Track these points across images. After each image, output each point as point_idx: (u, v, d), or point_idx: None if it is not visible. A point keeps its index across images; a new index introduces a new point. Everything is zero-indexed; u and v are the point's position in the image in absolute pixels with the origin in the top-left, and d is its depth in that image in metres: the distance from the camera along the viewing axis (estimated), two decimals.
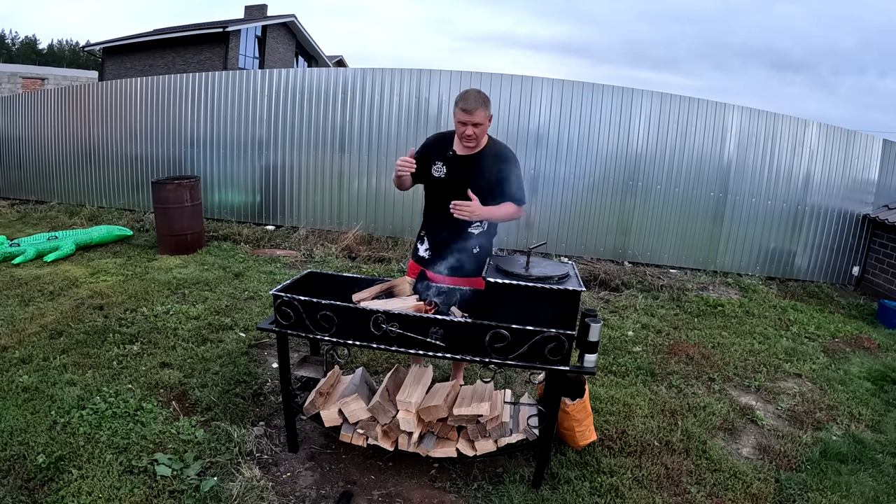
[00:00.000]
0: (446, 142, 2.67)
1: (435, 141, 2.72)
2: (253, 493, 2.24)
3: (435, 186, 2.67)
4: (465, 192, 2.52)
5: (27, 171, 8.27)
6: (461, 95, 2.51)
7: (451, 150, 2.62)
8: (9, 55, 52.97)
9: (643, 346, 4.11)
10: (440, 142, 2.69)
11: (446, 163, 2.62)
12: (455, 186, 2.57)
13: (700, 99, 6.25)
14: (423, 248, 2.79)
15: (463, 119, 2.48)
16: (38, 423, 2.56)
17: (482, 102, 2.48)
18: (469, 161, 2.61)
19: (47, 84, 17.47)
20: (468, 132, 2.50)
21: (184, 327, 3.82)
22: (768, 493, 2.49)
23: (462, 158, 2.61)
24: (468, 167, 2.60)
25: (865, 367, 4.02)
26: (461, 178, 2.58)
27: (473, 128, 2.49)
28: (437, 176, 2.64)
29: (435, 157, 2.64)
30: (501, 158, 2.63)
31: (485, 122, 2.52)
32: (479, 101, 2.47)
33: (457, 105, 2.50)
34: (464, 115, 2.47)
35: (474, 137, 2.53)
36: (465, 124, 2.49)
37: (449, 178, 2.62)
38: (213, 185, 7.13)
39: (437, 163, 2.64)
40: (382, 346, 2.24)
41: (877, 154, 6.33)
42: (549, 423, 2.31)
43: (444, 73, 6.40)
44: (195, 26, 20.10)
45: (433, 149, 2.67)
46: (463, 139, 2.54)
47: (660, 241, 6.49)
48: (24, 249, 5.31)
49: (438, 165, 2.63)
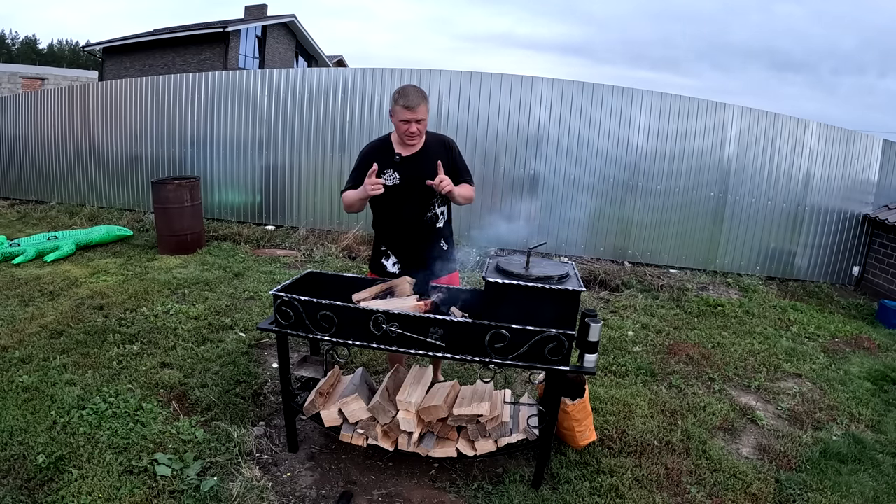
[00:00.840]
0: (385, 148, 2.59)
1: (372, 151, 2.62)
2: (253, 493, 2.24)
3: (389, 195, 2.53)
4: (422, 190, 2.49)
5: (27, 171, 8.27)
6: (400, 93, 2.44)
7: (395, 154, 2.55)
8: (9, 55, 52.98)
9: (643, 346, 4.11)
10: (379, 150, 2.60)
11: (396, 168, 2.55)
12: (412, 188, 2.53)
13: (700, 99, 6.26)
14: (391, 262, 2.71)
15: (407, 117, 2.42)
16: (38, 423, 2.56)
17: (423, 97, 2.44)
18: (417, 159, 2.56)
19: (47, 84, 17.47)
20: (412, 129, 2.45)
21: (184, 327, 3.82)
22: (768, 493, 2.49)
23: (410, 158, 2.56)
24: (419, 164, 2.55)
25: (865, 367, 4.02)
26: (416, 177, 2.52)
27: (417, 124, 2.45)
28: (391, 184, 2.53)
29: (382, 166, 2.53)
30: (447, 146, 2.63)
31: (426, 117, 2.49)
32: (419, 96, 2.43)
33: (396, 103, 2.44)
34: (408, 112, 2.41)
35: (418, 134, 2.49)
36: (409, 122, 2.43)
37: (403, 182, 2.54)
38: (213, 185, 7.13)
39: (387, 171, 2.54)
40: (382, 346, 2.24)
41: (877, 154, 6.33)
42: (549, 423, 2.31)
43: (444, 73, 6.40)
44: (195, 26, 20.10)
45: (376, 159, 2.53)
46: (406, 137, 2.49)
47: (660, 241, 6.48)
48: (24, 249, 5.31)
49: (389, 173, 2.54)
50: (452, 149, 2.65)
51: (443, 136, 2.69)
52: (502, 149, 6.42)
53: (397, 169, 2.55)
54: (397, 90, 2.48)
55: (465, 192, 2.61)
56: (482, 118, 6.38)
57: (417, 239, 2.65)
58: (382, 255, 2.75)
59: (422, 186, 2.48)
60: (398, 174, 2.55)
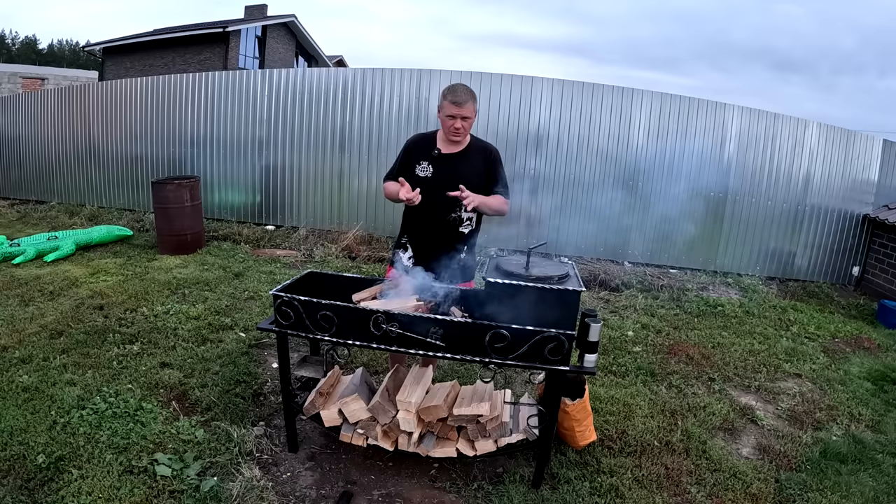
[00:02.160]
0: (428, 141, 2.62)
1: (417, 141, 2.65)
2: (253, 493, 2.24)
3: (421, 187, 2.53)
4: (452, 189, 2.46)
5: (27, 171, 8.27)
6: (449, 89, 2.46)
7: (435, 149, 2.57)
8: (9, 55, 52.94)
9: (643, 346, 4.11)
10: (422, 142, 2.63)
11: (432, 162, 2.56)
12: (442, 185, 2.51)
13: (700, 99, 6.26)
14: (406, 256, 2.71)
15: (453, 112, 2.43)
16: (38, 423, 2.56)
17: (472, 96, 2.46)
18: (456, 158, 2.56)
19: (47, 84, 17.46)
20: (457, 125, 2.46)
21: (184, 327, 3.82)
22: (768, 493, 2.49)
23: (448, 156, 2.56)
24: (455, 164, 2.55)
25: (865, 367, 4.02)
26: (449, 175, 2.52)
27: (463, 121, 2.46)
28: (422, 176, 2.56)
29: (419, 157, 2.58)
30: (489, 154, 2.61)
31: (473, 116, 2.49)
32: (468, 94, 2.45)
33: (445, 98, 2.46)
34: (454, 108, 2.42)
35: (463, 132, 2.49)
36: (455, 117, 2.45)
37: (436, 177, 2.55)
38: (213, 185, 7.13)
39: (422, 163, 2.57)
40: (382, 346, 2.24)
41: (877, 154, 6.33)
42: (549, 423, 2.31)
43: (444, 73, 6.40)
44: (195, 26, 20.10)
45: (416, 149, 2.60)
46: (450, 133, 2.50)
47: (660, 241, 6.48)
48: (24, 249, 5.31)
49: (423, 165, 2.57)
50: (493, 157, 2.63)
51: (488, 144, 2.67)
52: (502, 149, 6.31)
53: (433, 163, 2.56)
54: (447, 87, 2.49)
55: (494, 204, 2.58)
56: (482, 118, 6.37)
57: (438, 237, 2.62)
58: (402, 247, 2.75)
59: (453, 186, 2.47)
60: (432, 168, 2.56)
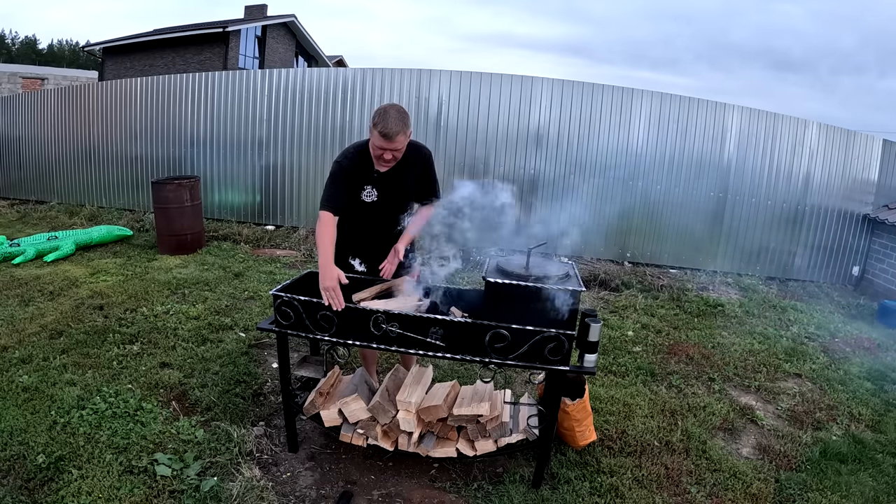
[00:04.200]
0: (366, 160, 2.48)
1: (355, 163, 2.47)
2: (253, 493, 2.24)
3: (365, 211, 2.53)
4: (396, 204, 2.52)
5: (27, 171, 8.26)
6: (380, 117, 2.28)
7: (374, 170, 2.48)
8: (9, 55, 52.91)
9: (643, 346, 4.11)
10: (361, 163, 2.48)
11: (374, 184, 2.50)
12: (387, 203, 2.53)
13: (700, 99, 6.26)
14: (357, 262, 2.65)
15: (384, 146, 2.31)
16: (38, 423, 2.56)
17: (403, 126, 2.30)
18: (395, 172, 2.51)
19: (47, 84, 17.48)
20: (386, 156, 2.36)
21: (184, 327, 3.82)
22: (768, 493, 2.49)
23: (387, 174, 2.51)
24: (395, 179, 2.52)
25: (865, 367, 4.02)
26: (391, 192, 2.52)
27: (393, 152, 2.36)
28: (369, 201, 2.51)
29: (361, 181, 2.49)
30: (423, 157, 2.58)
31: (404, 147, 2.38)
32: (399, 124, 2.28)
33: (375, 127, 2.29)
34: (385, 142, 2.29)
35: (394, 161, 2.42)
36: (385, 150, 2.33)
37: (381, 199, 2.53)
38: (213, 185, 7.13)
39: (367, 187, 2.50)
40: (382, 346, 2.24)
41: (877, 154, 6.33)
42: (549, 423, 2.31)
43: (444, 73, 6.40)
44: (195, 26, 20.09)
45: (357, 172, 2.47)
46: (381, 163, 2.43)
47: (660, 241, 6.48)
48: (24, 249, 5.31)
49: (368, 189, 2.50)
50: (427, 159, 2.60)
51: (420, 145, 2.60)
52: (502, 149, 6.42)
53: (376, 185, 2.52)
54: (379, 111, 2.31)
55: (420, 225, 2.60)
56: (482, 118, 6.38)
57: (385, 246, 2.60)
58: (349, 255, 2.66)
59: (396, 200, 2.49)
60: (377, 191, 2.52)
